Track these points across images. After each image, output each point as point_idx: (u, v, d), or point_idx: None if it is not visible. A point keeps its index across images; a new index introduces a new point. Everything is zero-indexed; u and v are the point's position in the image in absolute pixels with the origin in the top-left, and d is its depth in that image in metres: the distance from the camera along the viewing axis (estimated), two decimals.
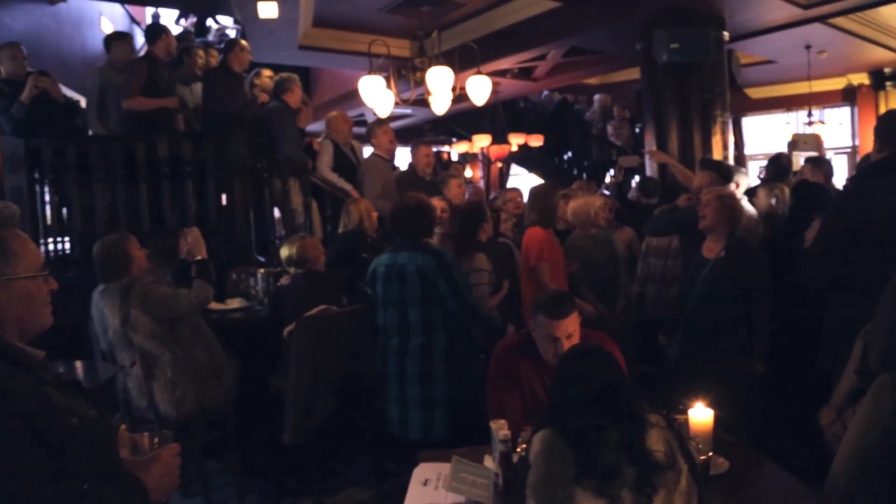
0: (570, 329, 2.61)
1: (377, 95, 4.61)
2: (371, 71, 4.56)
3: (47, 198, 5.05)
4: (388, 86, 4.61)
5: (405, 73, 4.67)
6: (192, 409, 3.56)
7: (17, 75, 5.00)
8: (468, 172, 12.51)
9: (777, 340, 3.38)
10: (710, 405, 2.24)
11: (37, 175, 4.94)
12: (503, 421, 2.42)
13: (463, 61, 4.87)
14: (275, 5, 6.01)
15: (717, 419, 2.20)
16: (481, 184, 10.56)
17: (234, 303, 4.50)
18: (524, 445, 2.27)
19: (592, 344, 2.34)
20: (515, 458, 2.24)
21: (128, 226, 4.81)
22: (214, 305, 4.21)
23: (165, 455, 1.49)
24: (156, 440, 1.53)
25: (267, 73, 6.23)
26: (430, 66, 4.46)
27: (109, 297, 3.47)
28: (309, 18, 7.18)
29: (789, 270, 3.50)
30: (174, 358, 3.53)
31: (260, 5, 5.96)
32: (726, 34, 6.61)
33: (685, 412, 2.26)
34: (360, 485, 4.18)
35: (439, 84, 4.38)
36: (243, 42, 5.78)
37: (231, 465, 4.05)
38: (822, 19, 7.18)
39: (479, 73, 4.67)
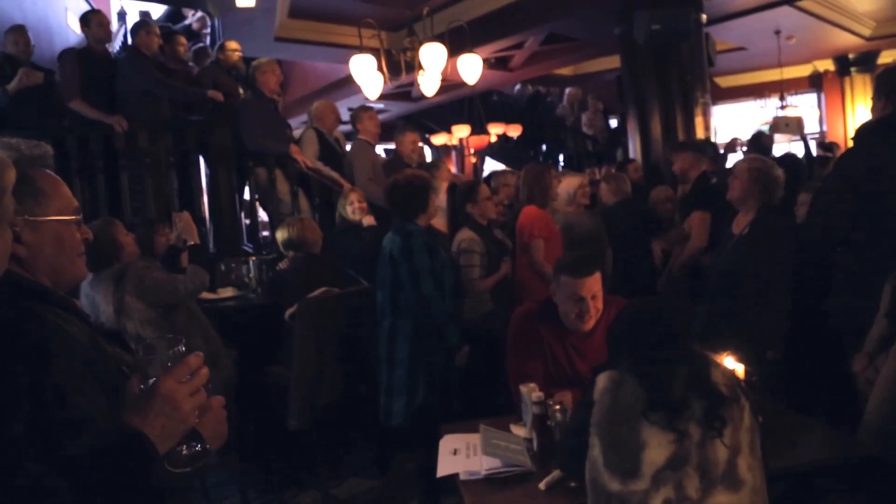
0: (594, 289, 2.57)
1: (367, 76, 4.52)
2: (361, 50, 4.47)
3: None
4: (379, 68, 4.52)
5: (396, 54, 4.58)
6: None
7: (19, 58, 4.87)
8: None
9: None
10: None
11: None
12: (534, 384, 2.37)
13: (451, 46, 4.82)
14: None
15: None
16: None
17: (227, 292, 4.38)
18: (557, 406, 2.24)
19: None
20: (555, 420, 2.20)
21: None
22: (206, 295, 4.07)
23: (216, 405, 1.38)
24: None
25: (232, 45, 5.91)
26: (420, 45, 4.38)
27: (101, 284, 3.33)
28: (285, 9, 7.06)
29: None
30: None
31: None
32: (704, 16, 6.68)
33: None
34: (362, 474, 4.08)
35: (432, 61, 4.31)
36: (153, 27, 5.47)
37: (230, 457, 3.91)
38: (794, 0, 7.32)
39: (470, 51, 4.61)
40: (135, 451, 1.07)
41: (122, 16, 9.95)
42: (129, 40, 8.81)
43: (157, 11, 8.62)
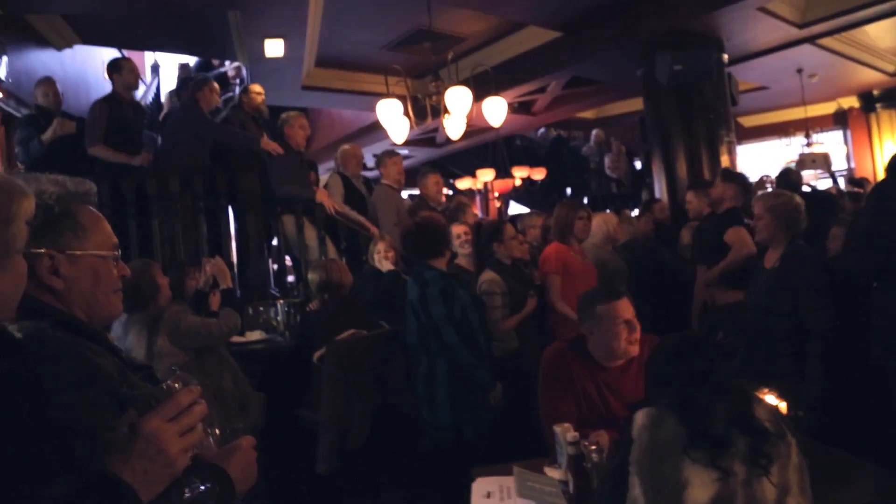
0: (631, 309, 2.57)
1: (394, 120, 4.59)
2: (389, 94, 4.56)
3: None
4: (405, 112, 4.59)
5: (421, 99, 4.65)
6: (217, 439, 3.40)
7: (50, 109, 5.08)
8: None
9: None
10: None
11: None
12: (568, 424, 2.32)
13: (475, 91, 4.88)
14: (281, 43, 6.03)
15: None
16: None
17: (255, 335, 4.39)
18: (594, 447, 2.18)
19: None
20: (591, 461, 2.14)
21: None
22: (234, 338, 4.09)
23: (245, 445, 1.36)
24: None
25: (256, 88, 5.98)
26: (446, 88, 4.45)
27: (134, 326, 3.35)
28: (312, 58, 7.24)
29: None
30: (201, 387, 3.39)
31: (267, 43, 5.98)
32: (726, 56, 6.72)
33: None
34: None
35: (458, 104, 4.37)
36: (215, 84, 5.65)
37: (258, 502, 3.86)
38: (815, 39, 7.33)
39: (495, 94, 4.67)
40: (107, 498, 0.97)
41: (155, 69, 10.28)
42: (161, 93, 9.10)
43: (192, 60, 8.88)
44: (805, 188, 5.24)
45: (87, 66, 7.54)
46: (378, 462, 3.93)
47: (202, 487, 1.11)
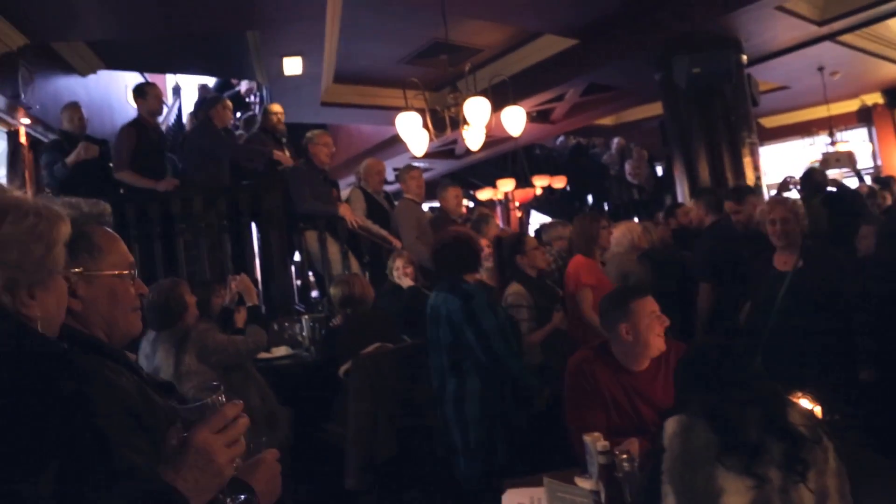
0: (657, 304, 2.57)
1: (413, 133, 4.62)
2: (407, 107, 4.59)
3: None
4: (424, 125, 4.61)
5: (440, 111, 4.67)
6: (245, 456, 3.41)
7: (75, 133, 5.20)
8: None
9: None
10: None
11: None
12: (598, 433, 2.29)
13: (494, 101, 4.88)
14: (299, 61, 6.09)
15: None
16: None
17: (280, 351, 4.41)
18: (625, 456, 2.15)
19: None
20: (622, 470, 2.11)
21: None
22: (261, 354, 4.11)
23: (269, 458, 1.36)
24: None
25: (274, 108, 6.03)
26: (464, 99, 4.46)
27: (163, 344, 3.38)
28: (330, 74, 7.31)
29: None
30: None
31: (285, 61, 6.05)
32: (744, 57, 6.65)
33: None
34: None
35: (477, 115, 4.37)
36: (227, 101, 5.73)
37: None
38: (835, 36, 7.24)
39: (513, 104, 4.68)
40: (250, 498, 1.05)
41: (176, 91, 10.46)
42: (183, 114, 9.25)
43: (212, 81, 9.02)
44: (830, 188, 5.15)
45: (110, 91, 7.70)
46: (407, 476, 3.92)
47: (242, 497, 1.15)
